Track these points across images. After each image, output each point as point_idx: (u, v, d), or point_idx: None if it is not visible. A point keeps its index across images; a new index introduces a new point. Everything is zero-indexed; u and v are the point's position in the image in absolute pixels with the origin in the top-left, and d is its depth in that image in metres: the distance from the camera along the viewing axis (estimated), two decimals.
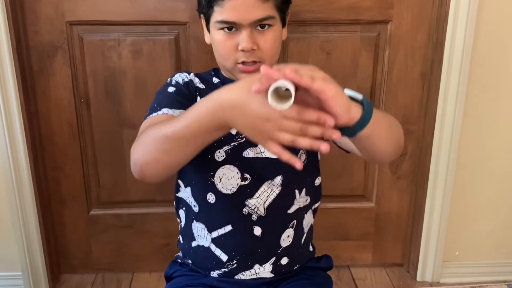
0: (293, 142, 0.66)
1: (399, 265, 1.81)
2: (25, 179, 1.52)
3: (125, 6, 1.44)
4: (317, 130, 0.65)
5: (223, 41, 0.93)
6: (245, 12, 0.90)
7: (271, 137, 0.67)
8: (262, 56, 0.93)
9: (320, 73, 0.65)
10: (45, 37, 1.47)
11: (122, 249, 1.72)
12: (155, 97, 0.95)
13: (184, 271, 1.03)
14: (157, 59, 1.50)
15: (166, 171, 0.80)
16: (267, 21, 0.92)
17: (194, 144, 0.75)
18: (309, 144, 0.66)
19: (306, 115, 0.65)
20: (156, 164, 0.78)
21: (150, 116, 0.89)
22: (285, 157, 0.67)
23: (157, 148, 0.76)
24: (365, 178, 1.70)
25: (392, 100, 1.58)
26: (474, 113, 1.54)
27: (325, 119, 0.64)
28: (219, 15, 0.92)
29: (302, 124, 0.65)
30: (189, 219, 1.01)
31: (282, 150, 0.67)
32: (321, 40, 1.51)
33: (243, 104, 0.67)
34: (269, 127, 0.66)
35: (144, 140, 0.79)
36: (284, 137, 0.66)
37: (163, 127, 0.76)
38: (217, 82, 1.01)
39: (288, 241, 1.00)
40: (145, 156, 0.78)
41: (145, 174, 0.80)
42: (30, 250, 1.59)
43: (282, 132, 0.66)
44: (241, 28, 0.91)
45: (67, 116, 1.55)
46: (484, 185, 1.63)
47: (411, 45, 1.53)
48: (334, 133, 0.66)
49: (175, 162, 0.78)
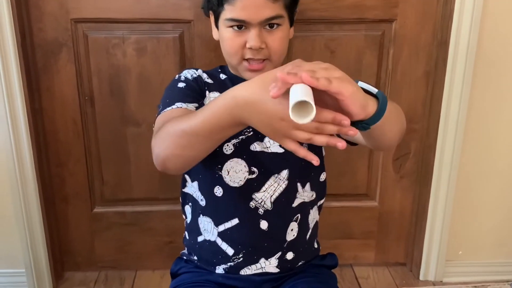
0: (309, 140, 0.66)
1: (402, 264, 1.81)
2: (29, 176, 1.52)
3: (129, 4, 1.45)
4: (333, 128, 0.66)
5: (231, 38, 0.94)
6: (255, 11, 0.90)
7: (287, 135, 0.67)
8: (269, 54, 0.94)
9: (336, 71, 0.66)
10: (50, 34, 1.47)
11: (125, 247, 1.72)
12: (165, 93, 0.96)
13: (189, 268, 1.04)
14: (162, 57, 1.50)
15: (187, 165, 0.83)
16: (276, 20, 0.93)
17: (211, 139, 0.76)
18: (326, 142, 0.66)
19: (323, 115, 0.65)
20: (176, 158, 0.80)
21: (165, 111, 0.90)
22: (302, 153, 0.68)
23: (176, 143, 0.78)
24: (368, 177, 1.70)
25: (396, 99, 1.58)
26: (478, 112, 1.54)
27: (340, 119, 0.65)
28: (229, 13, 0.92)
29: (318, 124, 0.65)
30: (195, 214, 1.01)
31: (299, 147, 0.68)
32: (325, 38, 1.51)
33: (259, 102, 0.68)
34: (285, 126, 0.66)
35: (163, 136, 0.81)
36: (300, 135, 0.67)
37: (181, 122, 0.77)
38: (224, 78, 1.01)
39: (293, 235, 1.00)
40: (166, 151, 0.80)
41: (167, 168, 0.82)
42: (34, 247, 1.59)
43: (298, 130, 0.66)
44: (250, 26, 0.92)
45: (71, 114, 1.55)
46: (487, 184, 1.63)
47: (415, 44, 1.53)
48: (350, 130, 0.66)
49: (193, 156, 0.80)
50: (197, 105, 0.91)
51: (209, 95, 0.98)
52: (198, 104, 0.92)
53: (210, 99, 0.97)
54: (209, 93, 0.98)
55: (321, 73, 0.64)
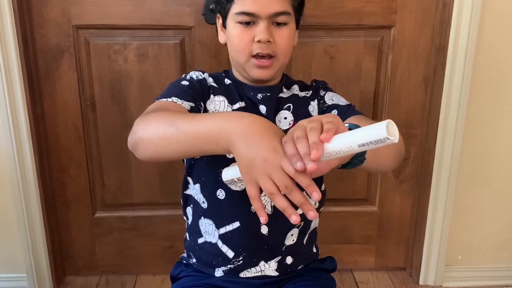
0: (271, 195, 0.65)
1: (401, 269, 1.81)
2: (30, 180, 1.53)
3: (131, 10, 1.46)
4: (299, 198, 0.64)
5: (240, 34, 0.95)
6: (264, 4, 0.92)
7: (257, 178, 0.66)
8: (276, 51, 0.94)
9: (326, 124, 0.65)
10: (52, 40, 1.48)
11: (126, 251, 1.73)
12: (167, 87, 0.97)
13: (189, 272, 1.04)
14: (163, 63, 1.52)
15: (155, 155, 0.80)
16: (284, 17, 0.94)
17: (191, 145, 0.74)
18: (283, 207, 0.65)
19: (300, 178, 0.64)
20: (150, 144, 0.78)
21: (160, 100, 0.90)
22: (256, 205, 0.67)
23: (159, 130, 0.77)
24: (368, 182, 1.70)
25: (395, 104, 1.59)
26: (477, 117, 1.55)
27: (312, 193, 0.63)
28: (239, 7, 0.93)
29: (290, 182, 0.64)
30: (196, 216, 1.02)
31: (258, 196, 0.67)
32: (325, 44, 1.52)
33: (258, 133, 0.68)
34: (262, 168, 0.65)
35: (152, 118, 0.80)
36: (267, 185, 0.65)
37: (175, 115, 0.77)
38: (228, 83, 1.02)
39: (292, 240, 1.01)
40: (145, 132, 0.79)
41: (137, 149, 0.80)
42: (35, 252, 1.60)
43: (269, 178, 0.65)
44: (259, 20, 0.93)
45: (73, 119, 1.56)
46: (486, 189, 1.63)
47: (414, 50, 1.54)
48: (310, 213, 0.65)
49: (165, 151, 0.78)
50: (193, 105, 0.91)
51: (214, 98, 0.98)
52: (195, 105, 0.92)
53: (214, 102, 0.98)
54: (213, 96, 0.98)
55: (312, 136, 0.63)
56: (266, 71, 0.96)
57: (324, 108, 1.01)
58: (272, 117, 0.98)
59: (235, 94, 0.99)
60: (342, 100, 1.02)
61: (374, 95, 1.59)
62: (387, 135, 0.58)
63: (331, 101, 1.01)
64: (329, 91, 1.04)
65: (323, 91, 1.03)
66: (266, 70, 0.96)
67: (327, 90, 1.04)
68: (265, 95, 0.99)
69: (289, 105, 1.00)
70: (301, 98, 1.03)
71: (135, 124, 0.81)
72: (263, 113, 0.98)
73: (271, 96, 0.99)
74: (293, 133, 0.65)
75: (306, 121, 0.67)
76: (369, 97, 1.59)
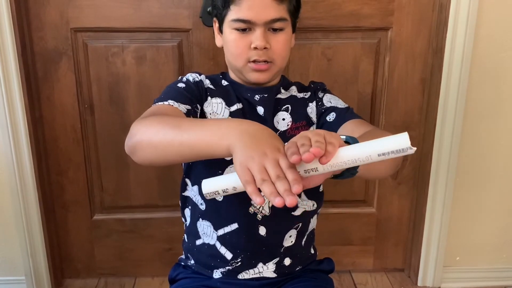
0: (262, 180, 0.64)
1: (400, 270, 1.81)
2: (29, 183, 1.53)
3: (129, 13, 1.47)
4: (285, 186, 0.63)
5: (236, 40, 0.94)
6: (260, 11, 0.91)
7: (252, 167, 0.65)
8: (273, 56, 0.94)
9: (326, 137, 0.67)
10: (50, 43, 1.49)
11: (125, 254, 1.73)
12: (164, 90, 0.97)
13: (187, 274, 1.04)
14: (161, 65, 1.52)
15: (153, 159, 0.79)
16: (280, 23, 0.94)
17: (191, 149, 0.74)
18: (269, 192, 0.63)
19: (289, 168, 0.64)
20: (148, 147, 0.77)
21: (156, 104, 0.90)
22: (250, 189, 0.65)
23: (158, 134, 0.76)
24: (366, 183, 1.71)
25: (392, 106, 1.60)
26: (474, 118, 1.55)
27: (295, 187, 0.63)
28: (235, 14, 0.93)
29: (282, 174, 0.64)
30: (194, 218, 1.02)
31: (252, 179, 0.65)
32: (322, 46, 1.53)
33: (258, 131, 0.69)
34: (260, 158, 0.65)
35: (149, 122, 0.79)
36: (260, 171, 0.65)
37: (175, 119, 0.78)
38: (226, 84, 1.02)
39: (290, 241, 1.01)
40: (143, 135, 0.78)
41: (134, 151, 0.80)
42: (34, 255, 1.60)
43: (263, 167, 0.65)
44: (255, 27, 0.93)
45: (71, 122, 1.56)
46: (484, 190, 1.64)
47: (411, 51, 1.54)
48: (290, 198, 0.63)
49: (165, 155, 0.77)
50: (190, 108, 0.91)
51: (211, 100, 0.98)
52: (191, 107, 0.92)
53: (212, 104, 0.98)
54: (211, 98, 0.98)
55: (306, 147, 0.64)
56: (264, 75, 0.96)
57: (323, 110, 1.01)
58: (270, 118, 0.98)
59: (232, 95, 0.99)
60: (340, 103, 1.02)
61: (372, 96, 1.59)
62: (410, 145, 0.61)
63: (329, 103, 1.01)
64: (328, 93, 1.04)
65: (321, 93, 1.04)
66: (264, 74, 0.96)
67: (325, 92, 1.04)
68: (262, 96, 0.99)
69: (287, 106, 1.00)
70: (299, 99, 1.03)
71: (132, 127, 0.80)
72: (261, 115, 0.98)
73: (268, 97, 0.99)
74: (296, 141, 0.66)
75: (310, 133, 0.68)
76: (367, 98, 1.59)
